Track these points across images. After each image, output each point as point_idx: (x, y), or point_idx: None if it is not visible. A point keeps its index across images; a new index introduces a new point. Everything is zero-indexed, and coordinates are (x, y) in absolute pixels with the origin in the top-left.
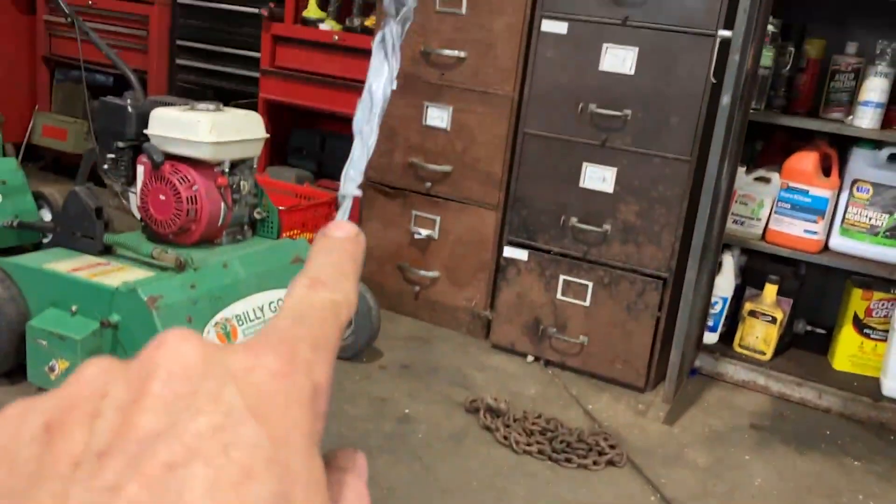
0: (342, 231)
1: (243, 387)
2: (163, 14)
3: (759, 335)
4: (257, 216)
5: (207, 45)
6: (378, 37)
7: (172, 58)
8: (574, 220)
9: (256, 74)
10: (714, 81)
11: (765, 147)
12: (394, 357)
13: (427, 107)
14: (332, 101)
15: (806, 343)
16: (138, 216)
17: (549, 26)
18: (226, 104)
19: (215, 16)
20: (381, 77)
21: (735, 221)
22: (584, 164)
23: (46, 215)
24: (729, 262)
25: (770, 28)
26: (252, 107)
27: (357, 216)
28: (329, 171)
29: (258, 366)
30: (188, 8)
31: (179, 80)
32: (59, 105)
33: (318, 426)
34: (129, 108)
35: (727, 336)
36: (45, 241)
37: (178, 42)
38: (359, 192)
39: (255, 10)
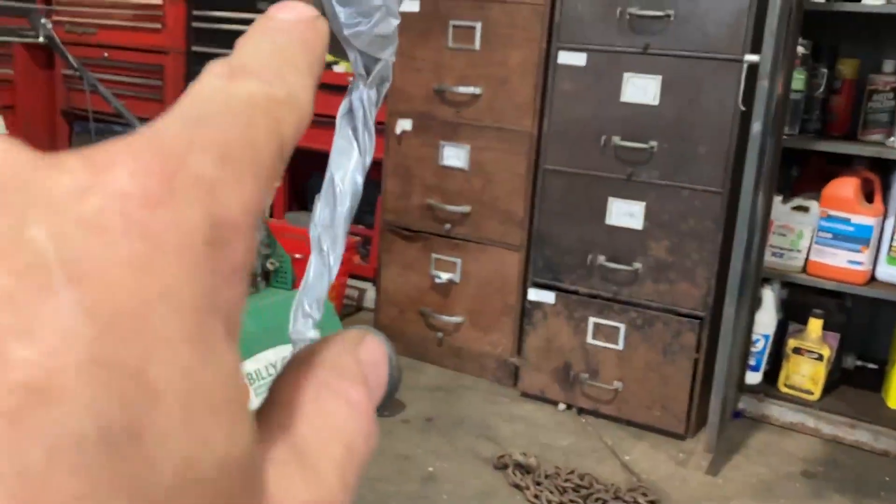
0: (289, 12)
1: (65, 224)
2: (177, 63)
3: (806, 373)
4: (270, 266)
5: None
6: (343, 107)
7: None
8: (602, 258)
9: None
10: (743, 109)
11: (801, 174)
12: (417, 409)
13: (443, 146)
14: None
15: (857, 380)
16: None
17: (567, 58)
18: None
19: None
20: (347, 163)
21: (774, 254)
22: (610, 200)
23: None
24: (769, 296)
25: (800, 50)
26: None
27: (375, 260)
28: None
29: (100, 187)
30: (202, 55)
31: None
32: None
33: (226, 294)
34: None
35: (771, 375)
36: None
37: None
38: (316, 334)
39: None
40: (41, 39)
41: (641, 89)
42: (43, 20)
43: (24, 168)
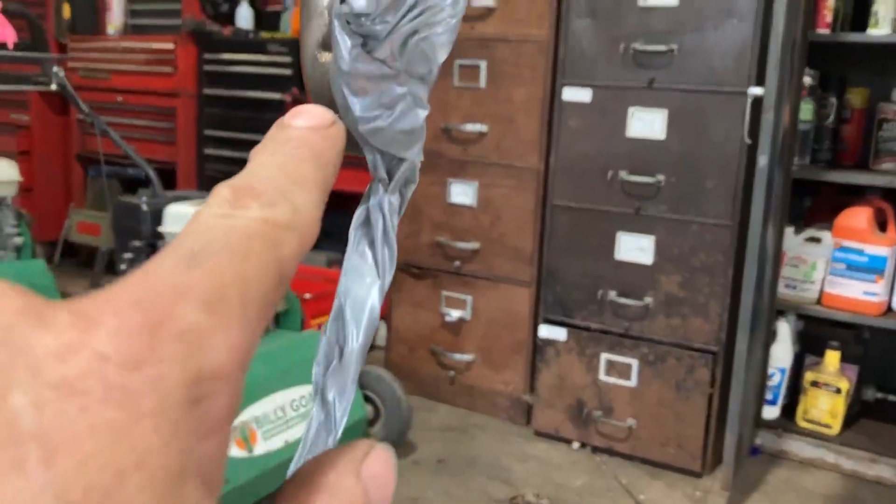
0: (306, 118)
1: (44, 389)
2: (188, 106)
3: (825, 407)
4: (278, 309)
5: (233, 132)
6: (358, 216)
7: (200, 148)
8: (612, 293)
9: None
10: (749, 142)
11: (814, 204)
12: (429, 450)
13: (451, 183)
14: (359, 182)
15: (878, 412)
16: None
17: (572, 94)
18: None
19: (239, 104)
20: (362, 287)
21: (787, 285)
22: (619, 234)
23: None
24: (784, 329)
25: (807, 80)
26: None
27: (386, 298)
28: None
29: (82, 348)
30: (213, 98)
31: (208, 171)
32: (92, 201)
33: (206, 450)
34: (144, 207)
35: (789, 409)
36: None
37: (205, 132)
38: None
39: (279, 97)
40: (54, 87)
41: (647, 124)
42: (55, 68)
43: (13, 321)
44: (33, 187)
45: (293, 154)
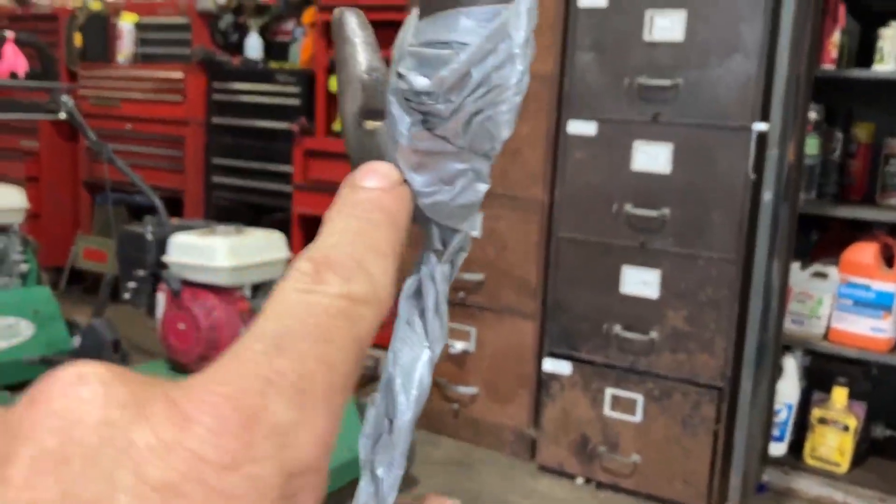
0: (376, 179)
1: (147, 492)
2: (197, 134)
3: (833, 445)
4: None
5: (241, 161)
6: (409, 286)
7: (208, 176)
8: (617, 327)
9: (290, 189)
10: (753, 177)
11: (820, 239)
12: (431, 485)
13: None
14: None
15: (888, 450)
16: None
17: (577, 128)
18: (260, 220)
19: (247, 133)
20: (413, 358)
21: (794, 321)
22: (624, 268)
23: (79, 342)
24: (791, 365)
25: (813, 115)
26: (286, 221)
27: (390, 328)
28: None
29: (181, 448)
30: (221, 127)
31: (215, 199)
32: (98, 228)
33: None
34: (149, 236)
35: (796, 446)
36: None
37: (213, 160)
38: None
39: (287, 126)
40: (63, 115)
41: (652, 157)
42: (64, 97)
43: (116, 415)
44: (41, 213)
45: (368, 219)
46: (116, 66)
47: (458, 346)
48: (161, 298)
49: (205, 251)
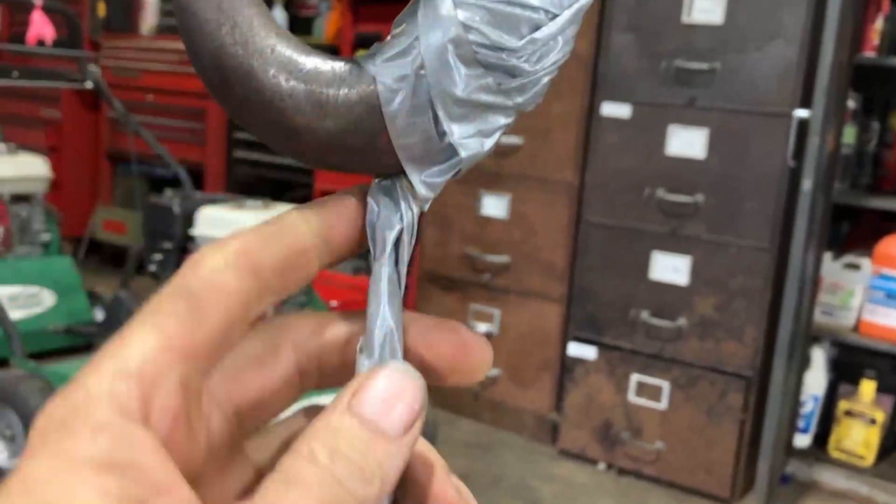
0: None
1: None
2: (219, 108)
3: (858, 438)
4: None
5: None
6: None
7: (230, 150)
8: (645, 314)
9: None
10: (793, 165)
11: (852, 229)
12: (452, 466)
13: (483, 195)
14: None
15: None
16: None
17: (610, 110)
18: (282, 196)
19: None
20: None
21: (823, 312)
22: (653, 254)
23: (99, 314)
24: (819, 357)
25: (850, 104)
26: (308, 198)
27: (412, 309)
28: None
29: None
30: None
31: (236, 174)
32: (119, 199)
33: None
34: (176, 209)
35: (821, 438)
36: (98, 342)
37: (235, 135)
38: None
39: None
40: (89, 85)
41: (687, 142)
42: (90, 66)
43: None
44: (61, 183)
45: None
46: (139, 37)
47: (482, 328)
48: None
49: (233, 225)
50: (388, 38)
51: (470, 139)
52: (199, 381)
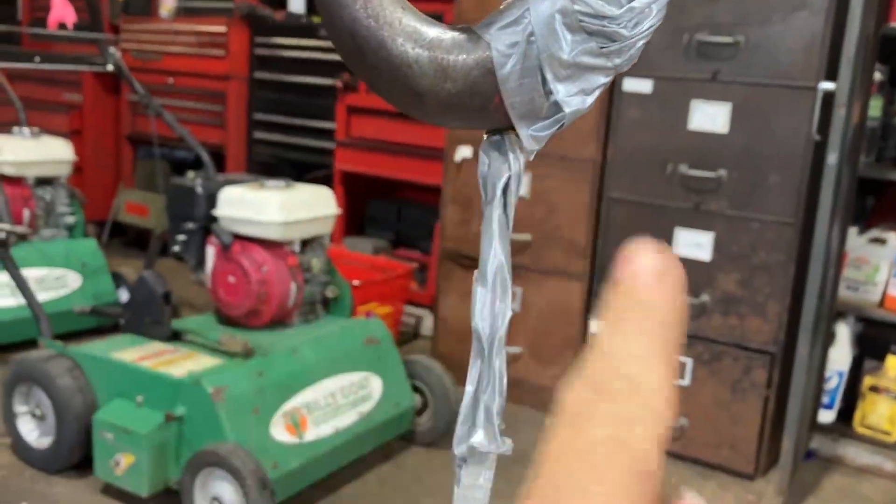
0: (647, 275)
1: None
2: (240, 90)
3: (884, 413)
4: (330, 295)
5: (283, 117)
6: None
7: (250, 132)
8: None
9: (332, 146)
10: (818, 138)
11: (878, 203)
12: None
13: None
14: (408, 170)
15: None
16: None
17: (633, 85)
18: (302, 177)
19: (290, 89)
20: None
21: (848, 287)
22: (676, 230)
23: (124, 295)
24: (844, 332)
25: (877, 76)
26: (329, 178)
27: (432, 287)
28: (406, 240)
29: None
30: (263, 82)
31: (257, 155)
32: (141, 182)
33: None
34: (199, 190)
35: (845, 414)
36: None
37: (255, 116)
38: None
39: (330, 82)
40: (110, 68)
41: (710, 117)
42: (111, 49)
43: None
44: (83, 167)
45: (641, 332)
46: (158, 20)
47: None
48: (211, 252)
49: (256, 205)
50: (500, 8)
51: (573, 97)
52: None
